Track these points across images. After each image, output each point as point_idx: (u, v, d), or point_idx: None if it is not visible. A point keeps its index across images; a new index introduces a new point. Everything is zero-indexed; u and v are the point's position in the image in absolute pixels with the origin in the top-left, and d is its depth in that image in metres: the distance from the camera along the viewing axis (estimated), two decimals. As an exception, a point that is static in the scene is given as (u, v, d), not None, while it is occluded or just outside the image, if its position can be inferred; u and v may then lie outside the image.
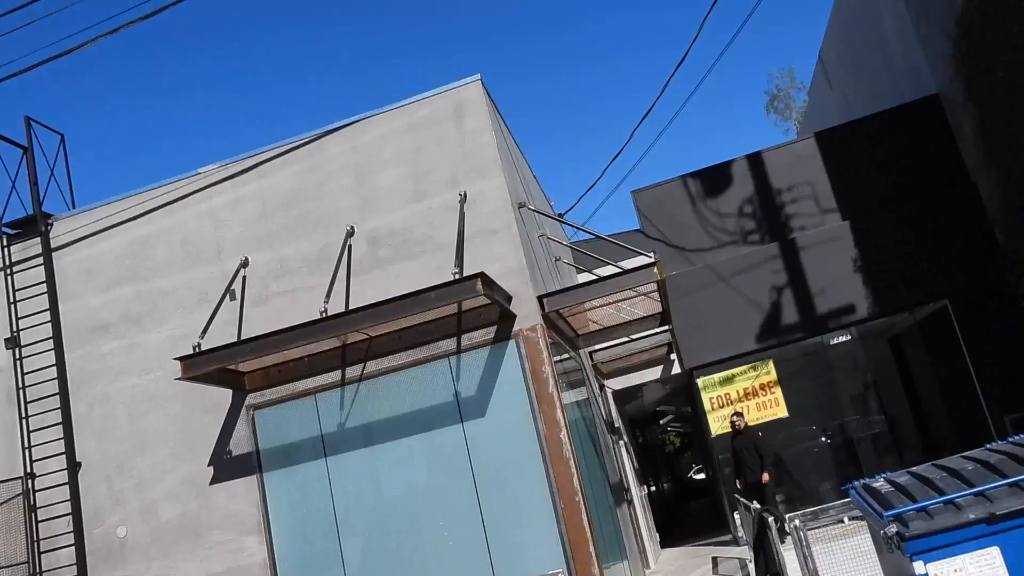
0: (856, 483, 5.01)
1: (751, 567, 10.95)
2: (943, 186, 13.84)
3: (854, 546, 6.49)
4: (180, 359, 8.51)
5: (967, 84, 12.81)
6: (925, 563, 4.22)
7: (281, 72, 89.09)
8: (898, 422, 17.14)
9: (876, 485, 4.82)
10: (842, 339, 15.39)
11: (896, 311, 14.59)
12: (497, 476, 8.78)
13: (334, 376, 9.33)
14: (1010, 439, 4.85)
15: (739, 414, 13.45)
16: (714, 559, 13.65)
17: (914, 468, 4.91)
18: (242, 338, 9.10)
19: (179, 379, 8.54)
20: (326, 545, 9.00)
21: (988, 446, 4.85)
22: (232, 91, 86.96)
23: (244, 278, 9.61)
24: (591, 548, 8.45)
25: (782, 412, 14.84)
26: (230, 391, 9.43)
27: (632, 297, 10.56)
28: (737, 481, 13.34)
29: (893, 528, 4.30)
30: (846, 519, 6.63)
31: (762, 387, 14.86)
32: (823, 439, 16.50)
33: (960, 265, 13.48)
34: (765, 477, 12.70)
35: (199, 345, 8.63)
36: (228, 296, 9.46)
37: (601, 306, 10.64)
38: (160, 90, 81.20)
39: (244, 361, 8.82)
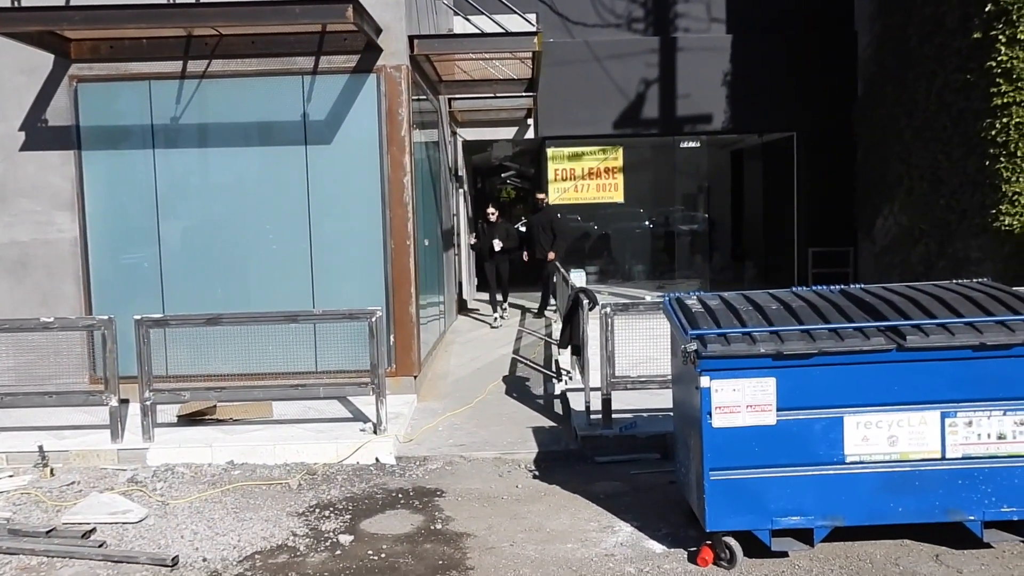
0: (671, 296, 5.34)
1: (555, 329, 11.79)
2: (827, 26, 14.06)
3: (650, 327, 7.02)
4: (-6, 10, 7.48)
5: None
6: (711, 379, 4.66)
7: None
8: (718, 227, 18.36)
9: (689, 303, 5.17)
10: (691, 144, 15.92)
11: (749, 131, 15.17)
12: (332, 207, 8.69)
13: (174, 66, 8.59)
14: (814, 288, 5.28)
15: (544, 194, 14.28)
16: (523, 310, 14.51)
17: (726, 294, 5.28)
18: (71, 2, 8.08)
19: (-9, 32, 7.57)
20: (143, 232, 8.74)
21: (794, 290, 5.27)
22: None
23: (82, -71, 8.36)
24: (412, 289, 8.71)
25: (619, 197, 15.45)
26: (52, 56, 8.51)
27: (505, 58, 10.21)
28: (525, 254, 13.99)
29: (693, 346, 4.68)
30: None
31: (606, 170, 15.29)
32: (648, 227, 17.50)
33: (818, 105, 14.07)
34: (551, 255, 13.24)
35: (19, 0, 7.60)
36: (60, -54, 8.24)
37: (472, 59, 10.23)
38: None
39: (72, 29, 7.90)
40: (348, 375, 7.84)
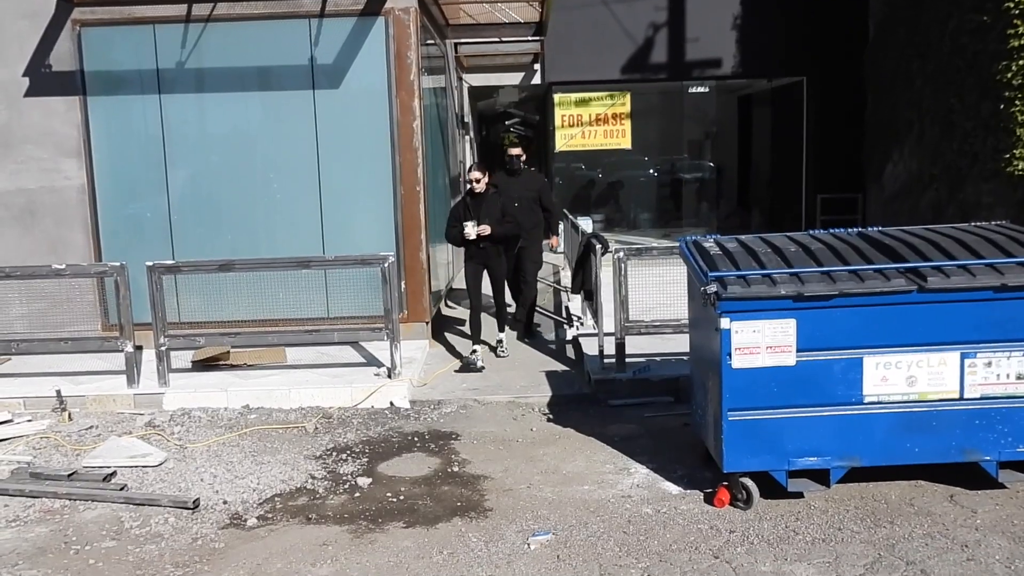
0: (688, 238, 5.30)
1: (563, 276, 11.78)
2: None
3: (660, 273, 7.01)
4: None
5: None
6: (731, 320, 4.65)
7: None
8: (725, 174, 18.22)
9: (706, 245, 5.14)
10: (700, 90, 15.73)
11: (758, 76, 14.94)
12: (342, 152, 8.61)
13: (178, 9, 8.45)
14: (832, 230, 5.25)
15: (520, 149, 9.40)
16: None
17: (743, 237, 5.25)
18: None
19: (-8, -28, 7.43)
20: (151, 179, 8.67)
21: (811, 232, 5.23)
22: None
23: None
24: (423, 235, 8.69)
25: (626, 144, 15.32)
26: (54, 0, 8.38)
27: (513, 0, 10.02)
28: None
29: (713, 288, 4.66)
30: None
31: (614, 116, 15.13)
32: (655, 174, 17.38)
33: (829, 49, 13.82)
34: (555, 240, 9.95)
35: (20, -62, 7.45)
36: None
37: (479, 1, 10.04)
38: None
39: (74, -30, 7.76)
40: (360, 320, 7.85)
